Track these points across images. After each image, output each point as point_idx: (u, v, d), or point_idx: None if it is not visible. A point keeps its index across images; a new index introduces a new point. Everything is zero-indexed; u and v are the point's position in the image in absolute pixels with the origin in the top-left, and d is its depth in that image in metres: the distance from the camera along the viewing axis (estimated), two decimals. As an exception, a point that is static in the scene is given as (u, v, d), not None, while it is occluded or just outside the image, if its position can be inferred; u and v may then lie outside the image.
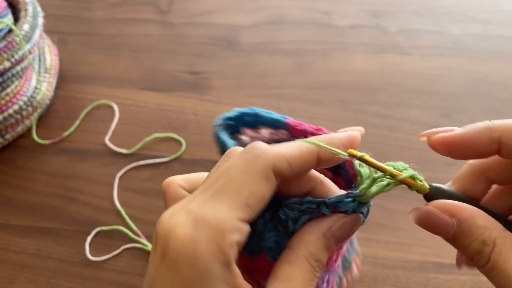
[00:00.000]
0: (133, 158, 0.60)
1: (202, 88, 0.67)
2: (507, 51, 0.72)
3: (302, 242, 0.26)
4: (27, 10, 0.60)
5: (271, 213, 0.28)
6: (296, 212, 0.27)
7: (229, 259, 0.24)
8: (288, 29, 0.75)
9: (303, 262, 0.26)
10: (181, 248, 0.23)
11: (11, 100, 0.59)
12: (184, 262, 0.23)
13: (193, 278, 0.23)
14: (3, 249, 0.53)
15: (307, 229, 0.27)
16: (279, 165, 0.25)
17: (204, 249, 0.23)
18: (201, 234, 0.24)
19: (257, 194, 0.25)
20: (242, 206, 0.24)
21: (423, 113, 0.65)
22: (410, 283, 0.51)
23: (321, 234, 0.26)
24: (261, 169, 0.25)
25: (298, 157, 0.26)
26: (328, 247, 0.27)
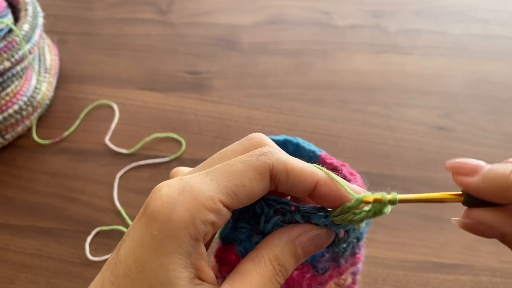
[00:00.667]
0: (133, 158, 0.60)
1: (202, 88, 0.67)
2: (507, 51, 0.72)
3: (269, 244, 0.27)
4: (27, 10, 0.60)
5: (249, 206, 0.28)
6: (271, 210, 0.28)
7: (198, 234, 0.24)
8: (288, 29, 0.75)
9: (265, 262, 0.26)
10: (159, 206, 0.25)
11: (11, 100, 0.59)
12: (156, 221, 0.25)
13: (160, 238, 0.24)
14: (3, 249, 0.53)
15: (277, 233, 0.27)
16: (277, 169, 0.26)
17: (179, 215, 0.24)
18: (182, 200, 0.25)
19: (246, 187, 0.25)
20: (228, 191, 0.25)
21: (423, 113, 0.65)
22: (410, 283, 0.51)
23: (289, 240, 0.27)
24: (259, 165, 0.26)
25: (297, 171, 0.26)
26: (295, 255, 0.27)
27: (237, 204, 0.26)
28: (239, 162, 0.26)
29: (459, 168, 0.27)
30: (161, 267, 0.24)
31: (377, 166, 0.60)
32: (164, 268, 0.24)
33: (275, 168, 0.26)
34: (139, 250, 0.25)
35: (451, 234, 0.53)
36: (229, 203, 0.25)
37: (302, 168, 0.26)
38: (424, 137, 0.62)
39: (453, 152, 0.61)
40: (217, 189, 0.25)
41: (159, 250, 0.24)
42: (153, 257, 0.24)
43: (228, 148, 0.28)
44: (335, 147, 0.61)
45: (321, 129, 0.63)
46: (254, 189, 0.26)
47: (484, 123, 0.64)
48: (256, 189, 0.26)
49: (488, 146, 0.62)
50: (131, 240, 0.25)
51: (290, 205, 0.27)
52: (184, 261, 0.24)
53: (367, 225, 0.32)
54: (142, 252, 0.25)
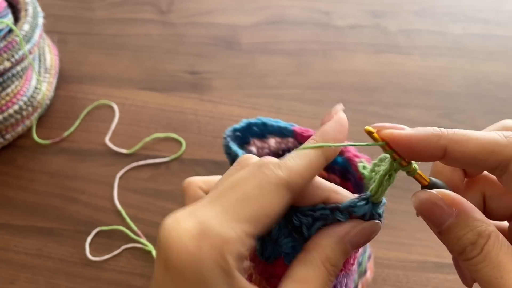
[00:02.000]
0: (133, 158, 0.60)
1: (202, 88, 0.67)
2: (507, 51, 0.72)
3: (319, 245, 0.26)
4: (27, 10, 0.60)
5: (284, 219, 0.28)
6: (309, 218, 0.27)
7: (231, 268, 0.24)
8: (288, 29, 0.75)
9: (318, 266, 0.26)
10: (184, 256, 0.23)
11: (11, 100, 0.59)
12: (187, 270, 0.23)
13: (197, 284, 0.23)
14: (3, 249, 0.53)
15: (325, 233, 0.27)
16: (293, 182, 0.25)
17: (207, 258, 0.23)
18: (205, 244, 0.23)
19: (267, 210, 0.25)
20: (250, 220, 0.24)
21: (423, 113, 0.65)
22: (410, 283, 0.51)
23: (339, 239, 0.26)
24: (273, 186, 0.25)
25: (309, 167, 0.26)
26: (345, 252, 0.27)
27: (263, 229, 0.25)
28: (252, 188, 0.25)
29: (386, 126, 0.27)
30: None
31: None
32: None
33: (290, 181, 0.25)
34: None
35: (451, 234, 0.53)
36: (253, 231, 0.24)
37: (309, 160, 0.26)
38: (424, 137, 0.62)
39: (453, 152, 0.61)
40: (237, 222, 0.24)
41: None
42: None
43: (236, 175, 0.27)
44: (335, 147, 0.61)
45: (321, 129, 0.63)
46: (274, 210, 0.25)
47: (484, 123, 0.63)
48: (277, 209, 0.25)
49: (488, 146, 0.62)
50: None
51: (328, 208, 0.27)
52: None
53: None
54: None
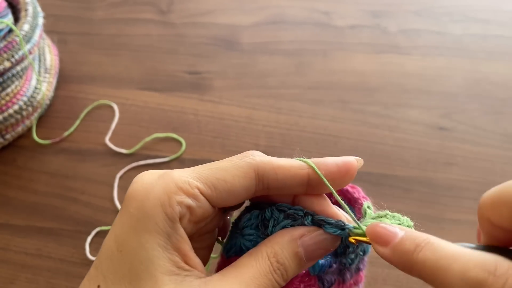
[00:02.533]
0: (133, 158, 0.60)
1: (202, 88, 0.67)
2: (507, 51, 0.72)
3: (269, 241, 0.27)
4: (27, 10, 0.60)
5: (258, 212, 0.28)
6: (281, 214, 0.27)
7: (174, 214, 0.25)
8: (288, 29, 0.75)
9: (263, 257, 0.26)
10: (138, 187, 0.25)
11: (11, 100, 0.59)
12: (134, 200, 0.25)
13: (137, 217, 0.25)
14: (3, 249, 0.53)
15: (280, 231, 0.27)
16: (264, 168, 0.26)
17: (155, 194, 0.25)
18: (160, 182, 0.25)
19: (228, 182, 0.26)
20: (207, 182, 0.26)
21: (423, 113, 0.65)
22: (410, 283, 0.51)
23: (292, 238, 0.26)
24: (243, 165, 0.26)
25: (286, 168, 0.27)
26: (296, 255, 0.26)
27: (217, 198, 0.26)
28: (223, 161, 0.27)
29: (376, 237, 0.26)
30: (140, 245, 0.24)
31: (377, 166, 0.60)
32: (143, 246, 0.24)
33: (261, 168, 0.26)
34: (119, 229, 0.25)
35: (451, 234, 0.53)
36: (208, 194, 0.26)
37: (289, 163, 0.27)
38: (424, 137, 0.62)
39: (453, 152, 0.61)
40: (196, 177, 0.26)
41: (136, 228, 0.24)
42: (131, 236, 0.24)
43: None
44: (335, 147, 0.61)
45: (321, 129, 0.63)
46: (235, 186, 0.26)
47: (484, 123, 0.64)
48: (238, 186, 0.26)
49: (488, 146, 0.62)
50: (113, 224, 0.26)
51: (304, 211, 0.27)
52: (163, 241, 0.24)
53: None
54: (121, 231, 0.25)
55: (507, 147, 0.62)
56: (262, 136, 0.62)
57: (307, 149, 0.61)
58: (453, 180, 0.58)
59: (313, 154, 0.60)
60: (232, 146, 0.61)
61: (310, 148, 0.61)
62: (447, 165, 0.60)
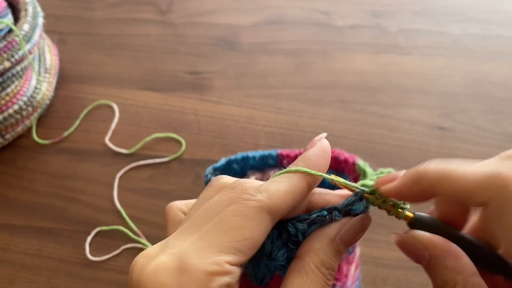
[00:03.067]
0: (133, 158, 0.60)
1: (202, 88, 0.67)
2: (507, 51, 0.72)
3: (311, 250, 0.25)
4: (27, 10, 0.60)
5: (277, 230, 0.27)
6: (305, 223, 0.26)
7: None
8: (288, 29, 0.75)
9: (314, 272, 0.25)
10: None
11: (11, 100, 0.59)
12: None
13: None
14: (3, 249, 0.53)
15: (315, 236, 0.26)
16: (275, 206, 0.24)
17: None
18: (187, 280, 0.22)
19: (250, 239, 0.23)
20: (231, 251, 0.23)
21: (423, 113, 0.65)
22: (410, 283, 0.51)
23: (330, 240, 0.26)
24: (254, 212, 0.24)
25: (290, 191, 0.25)
26: (338, 252, 0.26)
27: (245, 259, 0.24)
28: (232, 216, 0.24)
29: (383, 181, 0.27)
30: None
31: (377, 166, 0.59)
32: None
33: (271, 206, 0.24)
34: None
35: (451, 234, 0.53)
36: (237, 262, 0.23)
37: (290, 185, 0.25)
38: (424, 137, 0.62)
39: (453, 152, 0.61)
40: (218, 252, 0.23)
41: None
42: None
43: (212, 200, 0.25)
44: (335, 147, 0.61)
45: (321, 129, 0.63)
46: (256, 238, 0.24)
47: (484, 123, 0.64)
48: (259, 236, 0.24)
49: (488, 146, 0.62)
50: None
51: (326, 210, 0.26)
52: None
53: None
54: None
55: (507, 147, 0.61)
56: (262, 136, 0.62)
57: (307, 149, 0.61)
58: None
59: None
60: (232, 146, 0.61)
61: (310, 148, 0.61)
62: (447, 165, 0.60)
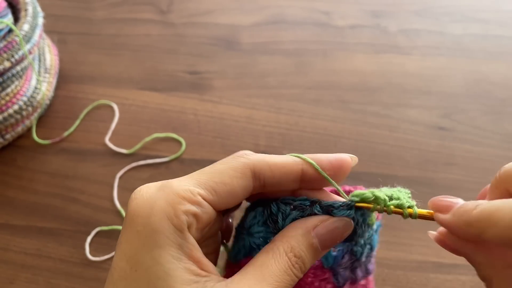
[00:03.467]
0: (133, 158, 0.60)
1: (202, 88, 0.67)
2: (507, 51, 0.72)
3: (284, 236, 0.27)
4: (27, 10, 0.60)
5: (263, 208, 0.28)
6: (288, 207, 0.27)
7: (182, 224, 0.24)
8: (288, 29, 0.75)
9: (281, 254, 0.26)
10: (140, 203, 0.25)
11: (11, 100, 0.59)
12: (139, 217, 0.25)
13: (145, 233, 0.24)
14: (3, 249, 0.53)
15: (292, 224, 0.27)
16: (259, 166, 0.27)
17: (159, 208, 0.24)
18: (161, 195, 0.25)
19: (227, 185, 0.26)
20: (207, 187, 0.26)
21: (423, 113, 0.65)
22: (410, 283, 0.51)
23: (306, 231, 0.26)
24: (239, 165, 0.27)
25: (280, 165, 0.27)
26: (312, 247, 0.26)
27: (219, 201, 0.26)
28: (219, 164, 0.27)
29: (438, 206, 0.27)
30: (154, 261, 0.24)
31: (377, 166, 0.60)
32: (157, 261, 0.24)
33: (256, 166, 0.27)
34: (129, 249, 0.25)
35: (451, 234, 0.53)
36: (210, 199, 0.26)
37: (283, 160, 0.27)
38: (424, 137, 0.62)
39: (453, 152, 0.61)
40: (196, 184, 0.26)
41: (148, 245, 0.24)
42: (144, 253, 0.24)
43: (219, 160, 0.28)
44: (335, 147, 0.61)
45: (321, 129, 0.63)
46: (234, 187, 0.26)
47: (484, 123, 0.64)
48: (237, 187, 0.26)
49: (488, 146, 0.62)
50: (120, 244, 0.25)
51: (310, 200, 0.27)
52: (177, 253, 0.24)
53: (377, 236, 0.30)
54: (132, 251, 0.24)
55: (507, 147, 0.62)
56: (262, 136, 0.62)
57: (307, 149, 0.61)
58: (453, 180, 0.58)
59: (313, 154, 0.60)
60: (232, 146, 0.61)
61: (310, 148, 0.61)
62: (447, 165, 0.60)
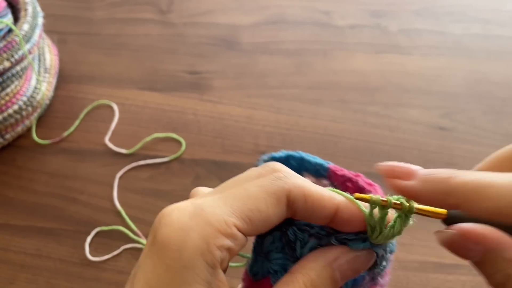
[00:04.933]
0: (133, 158, 0.60)
1: (202, 88, 0.67)
2: (507, 51, 0.72)
3: (304, 268, 0.25)
4: (27, 10, 0.60)
5: (280, 232, 0.27)
6: (306, 234, 0.26)
7: (216, 261, 0.23)
8: (288, 29, 0.75)
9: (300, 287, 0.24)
10: (171, 234, 0.23)
11: (11, 100, 0.59)
12: (169, 249, 0.23)
13: (176, 269, 0.23)
14: (3, 249, 0.53)
15: (312, 255, 0.25)
16: (295, 194, 0.24)
17: (193, 242, 0.23)
18: (194, 225, 0.23)
19: (262, 212, 0.24)
20: (243, 216, 0.24)
21: (423, 113, 0.65)
22: (410, 283, 0.51)
23: (326, 263, 0.25)
24: (275, 190, 0.24)
25: (316, 196, 0.25)
26: (332, 279, 0.25)
27: (252, 231, 0.24)
28: (254, 186, 0.24)
29: (394, 172, 0.24)
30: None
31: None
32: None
33: (292, 193, 0.24)
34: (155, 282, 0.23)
35: (451, 234, 0.53)
36: (244, 229, 0.24)
37: (320, 193, 0.25)
38: (424, 137, 0.62)
39: (453, 152, 0.61)
40: (231, 213, 0.23)
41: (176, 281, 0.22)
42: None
43: (244, 173, 0.26)
44: (335, 147, 0.61)
45: (321, 129, 0.63)
46: (270, 215, 0.24)
47: (484, 123, 0.64)
48: (272, 215, 0.24)
49: (488, 146, 0.62)
50: (145, 272, 0.24)
51: (325, 230, 0.26)
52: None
53: None
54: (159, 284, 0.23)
55: (507, 147, 0.62)
56: (262, 136, 0.62)
57: (307, 149, 0.61)
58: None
59: (313, 154, 0.60)
60: (232, 146, 0.61)
61: (310, 148, 0.61)
62: (447, 165, 0.60)
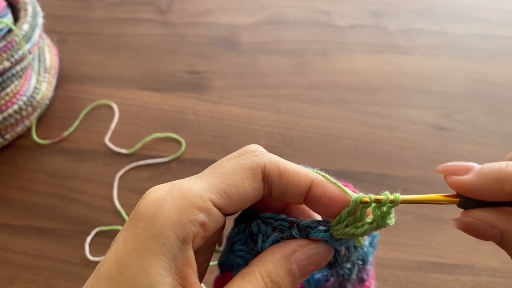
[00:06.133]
0: (133, 158, 0.60)
1: (202, 88, 0.67)
2: (507, 51, 0.72)
3: (261, 260, 0.25)
4: (26, 10, 0.60)
5: (245, 226, 0.27)
6: (269, 227, 0.26)
7: (186, 235, 0.23)
8: (288, 29, 0.75)
9: (257, 279, 0.24)
10: (146, 205, 0.24)
11: (11, 100, 0.59)
12: (142, 219, 0.23)
13: (143, 237, 0.23)
14: (3, 249, 0.53)
15: (271, 248, 0.26)
16: (270, 169, 0.25)
17: (166, 213, 0.23)
18: (170, 198, 0.23)
19: (239, 187, 0.25)
20: (219, 191, 0.24)
21: (423, 113, 0.65)
22: (410, 283, 0.51)
23: (284, 255, 0.25)
24: (251, 165, 0.25)
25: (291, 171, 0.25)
26: (290, 272, 0.25)
27: (230, 206, 0.25)
28: (230, 163, 0.25)
29: (452, 170, 0.25)
30: (142, 268, 0.22)
31: (377, 166, 0.60)
32: (145, 270, 0.22)
33: (267, 168, 0.25)
34: (122, 250, 0.23)
35: (451, 234, 0.53)
36: (221, 204, 0.24)
37: (295, 168, 0.26)
38: (424, 137, 0.62)
39: (453, 152, 0.61)
40: (207, 188, 0.24)
41: (141, 250, 0.23)
42: (134, 258, 0.23)
43: (224, 157, 0.27)
44: (335, 147, 0.61)
45: (321, 129, 0.63)
46: (246, 189, 0.25)
47: (484, 123, 0.64)
48: (249, 189, 0.25)
49: (488, 146, 0.62)
50: (116, 242, 0.24)
51: (289, 221, 0.26)
52: (168, 264, 0.23)
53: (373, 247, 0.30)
54: (125, 252, 0.23)
55: (507, 147, 0.62)
56: (262, 136, 0.62)
57: (307, 149, 0.61)
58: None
59: (313, 154, 0.60)
60: (232, 146, 0.61)
61: (310, 148, 0.61)
62: (447, 165, 0.60)
